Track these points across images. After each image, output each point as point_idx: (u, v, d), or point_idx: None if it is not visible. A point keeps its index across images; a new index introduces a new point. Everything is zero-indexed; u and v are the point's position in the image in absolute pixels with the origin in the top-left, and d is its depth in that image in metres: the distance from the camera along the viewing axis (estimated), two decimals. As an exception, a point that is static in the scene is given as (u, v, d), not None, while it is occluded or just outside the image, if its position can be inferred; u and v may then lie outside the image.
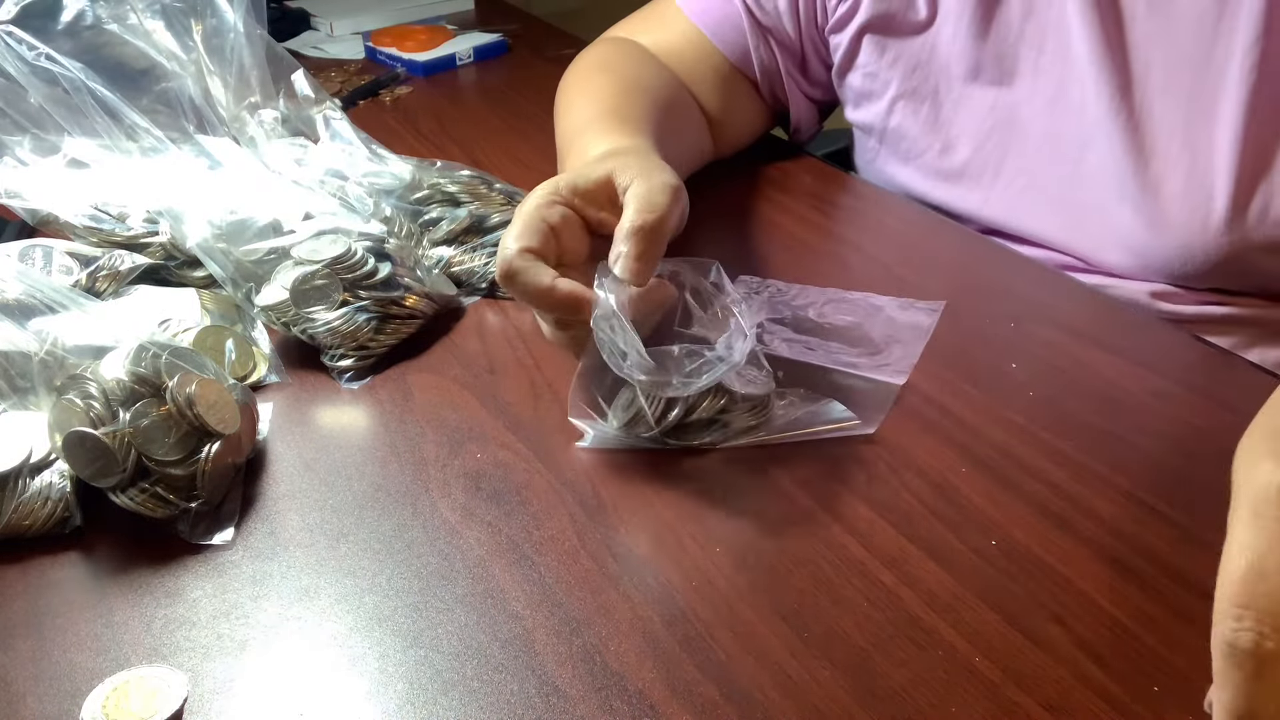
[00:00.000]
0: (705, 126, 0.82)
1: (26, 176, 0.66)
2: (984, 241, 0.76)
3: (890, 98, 0.78)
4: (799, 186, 0.82)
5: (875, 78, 0.78)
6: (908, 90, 0.77)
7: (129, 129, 0.64)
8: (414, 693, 0.42)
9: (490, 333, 0.65)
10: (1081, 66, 0.68)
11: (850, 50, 0.79)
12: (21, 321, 0.53)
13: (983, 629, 0.44)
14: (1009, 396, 0.58)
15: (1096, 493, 0.51)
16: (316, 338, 0.61)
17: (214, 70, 0.69)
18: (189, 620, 0.45)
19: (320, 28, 1.22)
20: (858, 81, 0.80)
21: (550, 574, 0.47)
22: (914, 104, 0.77)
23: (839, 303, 0.66)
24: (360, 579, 0.47)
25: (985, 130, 0.74)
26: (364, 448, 0.56)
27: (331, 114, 0.74)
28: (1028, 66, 0.71)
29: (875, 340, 0.62)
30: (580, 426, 0.55)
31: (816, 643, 0.44)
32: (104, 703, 0.40)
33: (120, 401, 0.49)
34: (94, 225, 0.66)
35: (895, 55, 0.76)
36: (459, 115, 0.98)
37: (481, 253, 0.70)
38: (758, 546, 0.49)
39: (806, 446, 0.55)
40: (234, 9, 0.69)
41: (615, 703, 0.41)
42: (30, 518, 0.49)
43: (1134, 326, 0.66)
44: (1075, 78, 0.69)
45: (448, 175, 0.73)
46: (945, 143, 0.77)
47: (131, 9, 0.67)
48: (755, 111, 0.86)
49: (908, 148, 0.79)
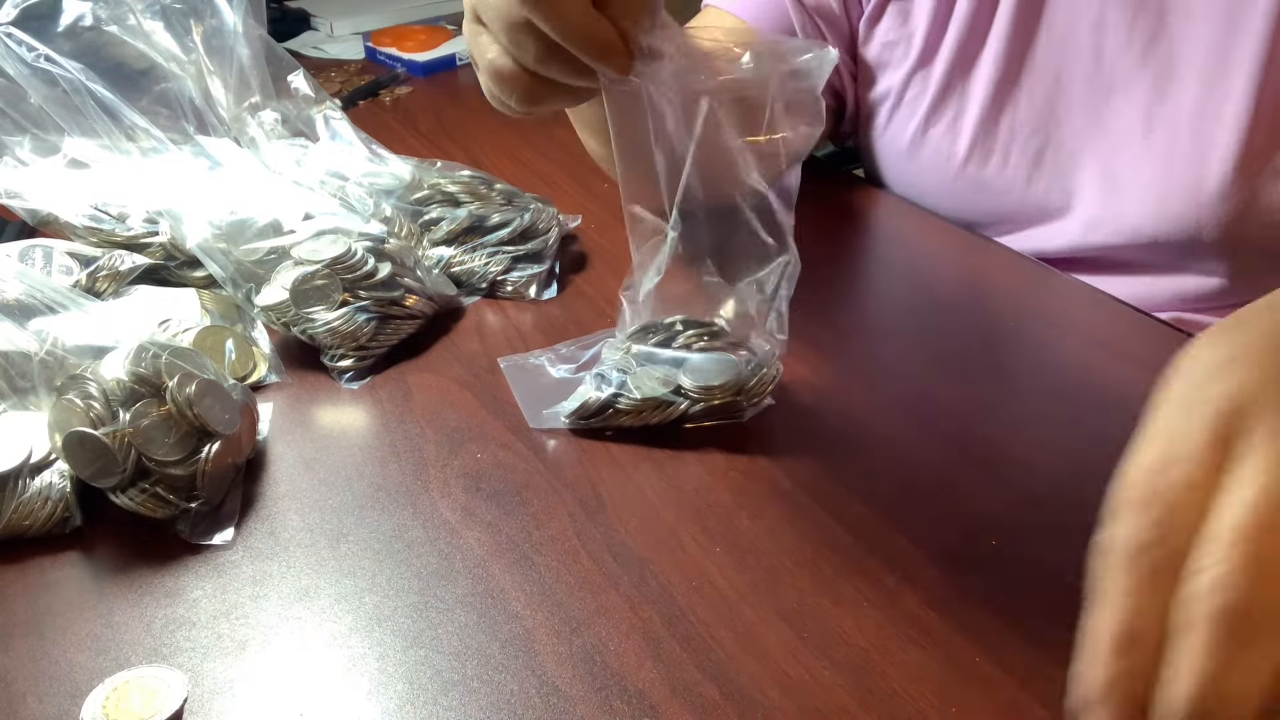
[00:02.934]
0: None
1: (26, 176, 0.66)
2: (985, 243, 0.76)
3: (907, 69, 0.76)
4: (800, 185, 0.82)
5: (894, 47, 0.76)
6: (925, 59, 0.75)
7: (129, 130, 0.64)
8: (414, 693, 0.42)
9: (490, 333, 0.65)
10: (1109, 12, 0.67)
11: (872, 18, 0.76)
12: (21, 321, 0.53)
13: (983, 629, 0.44)
14: (1009, 396, 0.58)
15: (1097, 493, 0.51)
16: (316, 338, 0.61)
17: (214, 71, 0.69)
18: (189, 620, 0.45)
19: (320, 28, 1.22)
20: (874, 53, 0.77)
21: (550, 574, 0.47)
22: (929, 72, 0.75)
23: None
24: (360, 579, 0.47)
25: (994, 85, 0.73)
26: (364, 448, 0.56)
27: (331, 114, 0.74)
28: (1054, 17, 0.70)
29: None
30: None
31: (816, 643, 0.44)
32: (104, 703, 0.40)
33: (120, 401, 0.49)
34: (94, 225, 0.66)
35: (918, 22, 0.74)
36: (459, 115, 0.98)
37: (481, 253, 0.70)
38: (758, 546, 0.49)
39: (807, 447, 0.55)
40: (234, 9, 0.69)
41: (615, 703, 0.41)
42: (30, 518, 0.49)
43: (1136, 327, 0.66)
44: (1103, 24, 0.68)
45: (448, 175, 0.73)
46: (957, 110, 0.75)
47: (131, 10, 0.67)
48: None
49: (921, 119, 0.77)
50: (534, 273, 0.69)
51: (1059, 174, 0.72)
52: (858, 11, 0.78)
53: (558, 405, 0.56)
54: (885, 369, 0.62)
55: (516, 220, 0.70)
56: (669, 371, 0.55)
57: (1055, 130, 0.72)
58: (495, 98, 0.47)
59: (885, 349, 0.64)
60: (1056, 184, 0.73)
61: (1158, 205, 0.68)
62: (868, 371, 0.62)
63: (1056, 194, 0.73)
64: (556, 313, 0.67)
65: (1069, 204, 0.73)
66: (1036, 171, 0.73)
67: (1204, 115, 0.65)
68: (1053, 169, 0.73)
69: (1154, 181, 0.68)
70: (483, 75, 0.47)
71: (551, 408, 0.57)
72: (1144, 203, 0.68)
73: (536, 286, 0.69)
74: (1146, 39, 0.67)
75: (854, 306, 0.71)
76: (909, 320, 0.67)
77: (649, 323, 0.56)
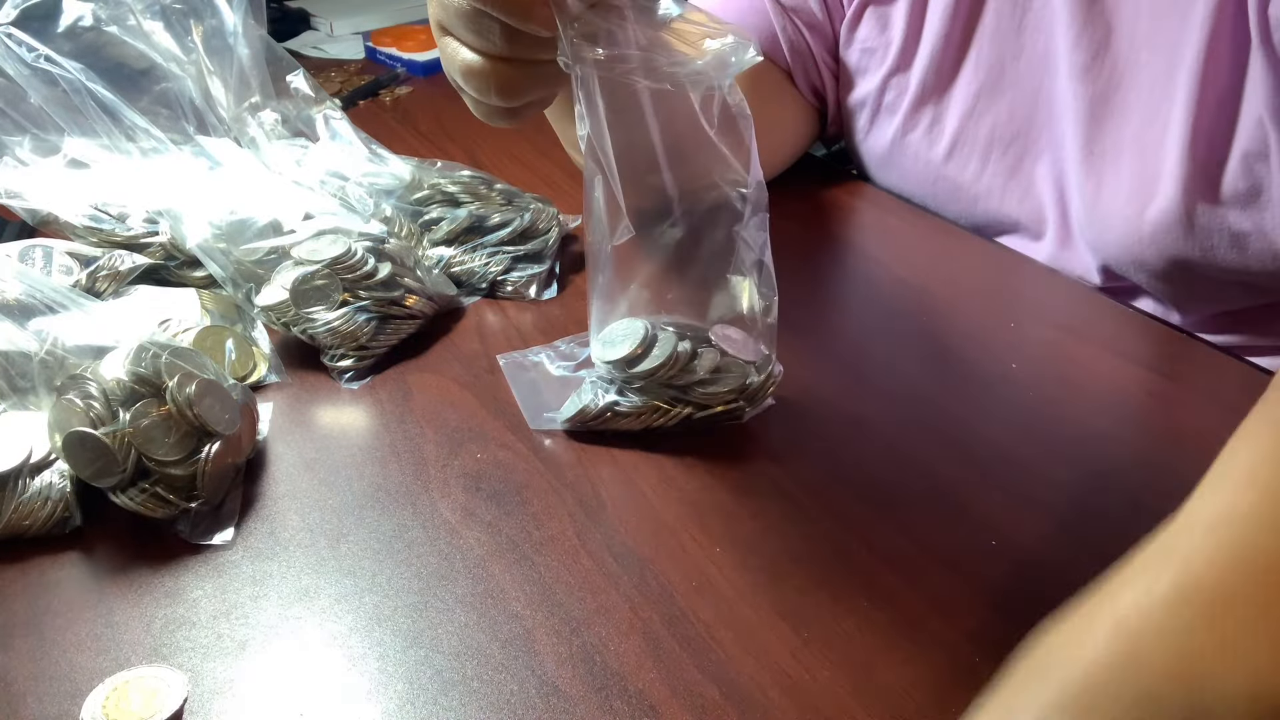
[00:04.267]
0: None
1: (26, 176, 0.66)
2: (984, 242, 0.76)
3: (884, 73, 0.76)
4: (797, 185, 0.82)
5: (873, 54, 0.77)
6: (902, 65, 0.76)
7: (129, 130, 0.64)
8: (414, 693, 0.42)
9: (490, 333, 0.65)
10: (1062, 27, 0.67)
11: (851, 23, 0.77)
12: (21, 321, 0.53)
13: (983, 629, 0.44)
14: (1009, 397, 0.58)
15: (1097, 492, 0.51)
16: (316, 338, 0.61)
17: (214, 71, 0.69)
18: (189, 620, 0.45)
19: (320, 28, 1.22)
20: (854, 58, 0.78)
21: (550, 574, 0.47)
22: (906, 77, 0.76)
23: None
24: (360, 579, 0.47)
25: (973, 95, 0.73)
26: (364, 448, 0.56)
27: (331, 114, 0.74)
28: (1011, 27, 0.70)
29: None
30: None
31: (816, 643, 0.44)
32: (104, 703, 0.40)
33: (120, 401, 0.49)
34: (94, 225, 0.66)
35: (895, 29, 0.75)
36: (459, 115, 0.98)
37: (481, 253, 0.70)
38: (758, 546, 0.49)
39: (807, 447, 0.55)
40: (234, 9, 0.69)
41: (615, 703, 0.41)
42: (30, 518, 0.49)
43: (1134, 327, 0.66)
44: (1059, 35, 0.68)
45: (448, 175, 0.73)
46: (935, 116, 0.75)
47: (131, 10, 0.67)
48: (793, 111, 0.80)
49: (900, 123, 0.77)
50: (534, 273, 0.69)
51: (1031, 189, 0.73)
52: (839, 14, 0.78)
53: (558, 409, 0.56)
54: (885, 369, 0.62)
55: (516, 220, 0.70)
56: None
57: (1032, 144, 0.72)
58: (477, 102, 0.48)
59: (885, 349, 0.64)
60: (1029, 199, 0.73)
61: (1098, 234, 0.68)
62: (867, 372, 0.62)
63: (1029, 209, 0.73)
64: (556, 313, 0.67)
65: (1040, 221, 0.73)
66: (1012, 181, 0.74)
67: (1144, 146, 0.64)
68: (1026, 183, 0.73)
69: (1094, 207, 0.67)
70: (461, 81, 0.47)
71: (551, 410, 0.57)
72: (1089, 229, 0.68)
73: (536, 286, 0.69)
74: (1089, 58, 0.66)
75: (854, 307, 0.71)
76: (909, 320, 0.67)
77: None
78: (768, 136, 0.79)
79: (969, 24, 0.72)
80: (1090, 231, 0.68)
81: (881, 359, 0.63)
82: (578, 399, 0.56)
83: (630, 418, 0.54)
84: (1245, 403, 0.40)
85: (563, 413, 0.56)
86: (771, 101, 0.78)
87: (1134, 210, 0.64)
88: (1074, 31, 0.66)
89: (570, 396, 0.56)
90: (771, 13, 0.77)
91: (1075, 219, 0.70)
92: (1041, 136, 0.71)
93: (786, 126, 0.81)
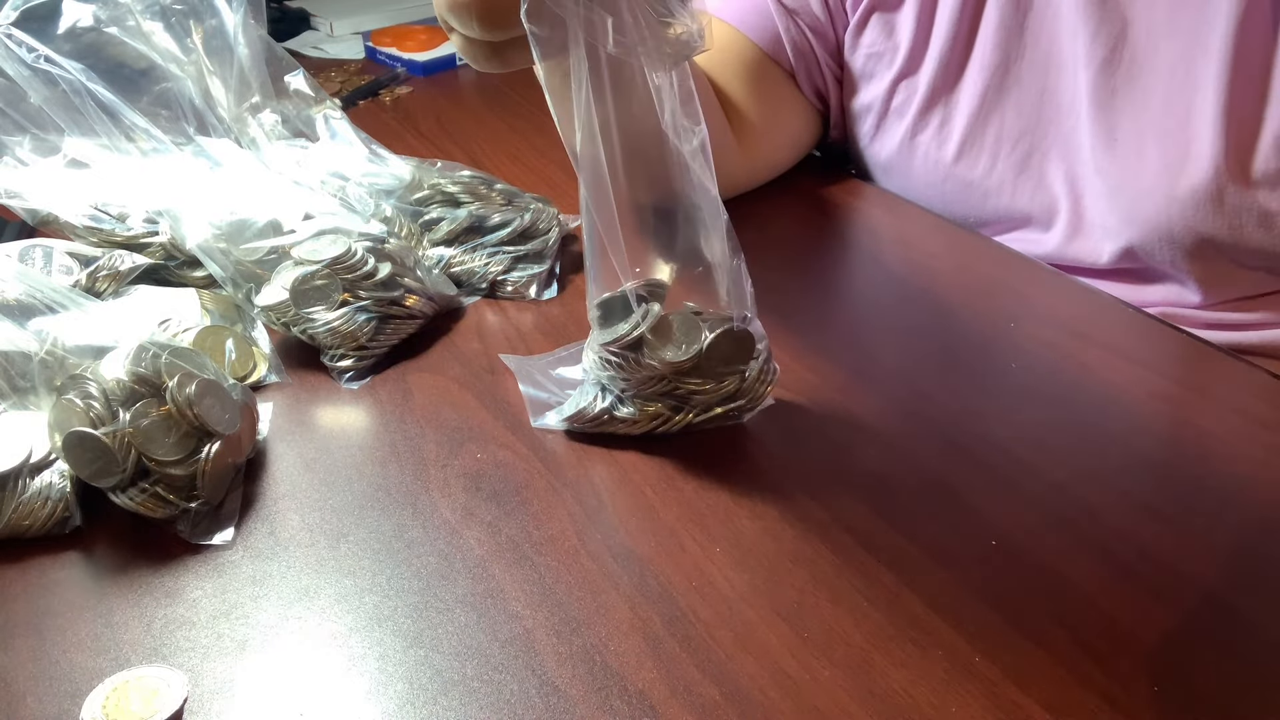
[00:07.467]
0: (726, 128, 0.77)
1: (26, 176, 0.66)
2: (984, 241, 0.76)
3: (893, 77, 0.77)
4: (797, 185, 0.82)
5: (880, 58, 0.77)
6: (911, 68, 0.76)
7: (129, 130, 0.64)
8: (414, 693, 0.42)
9: (490, 333, 0.65)
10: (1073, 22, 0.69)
11: (856, 29, 0.77)
12: (21, 321, 0.53)
13: (983, 629, 0.44)
14: (1009, 397, 0.58)
15: (1096, 492, 0.51)
16: (316, 338, 0.61)
17: (214, 71, 0.69)
18: (189, 620, 0.45)
19: (320, 28, 1.22)
20: (859, 63, 0.78)
21: (550, 574, 0.47)
22: (915, 80, 0.76)
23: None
24: (360, 579, 0.47)
25: (980, 95, 0.74)
26: (364, 448, 0.56)
27: (331, 114, 0.74)
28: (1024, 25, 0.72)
29: None
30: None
31: (816, 643, 0.44)
32: (104, 703, 0.40)
33: (120, 401, 0.49)
34: (94, 225, 0.66)
35: (903, 33, 0.76)
36: (459, 115, 0.98)
37: (481, 253, 0.70)
38: (758, 547, 0.49)
39: (807, 447, 0.55)
40: (234, 9, 0.69)
41: (615, 703, 0.41)
42: (30, 518, 0.49)
43: (1134, 326, 0.66)
44: (1075, 36, 0.69)
45: (448, 175, 0.73)
46: (944, 116, 0.76)
47: (131, 11, 0.67)
48: (796, 113, 0.80)
49: (909, 125, 0.77)
50: (534, 273, 0.69)
51: (1042, 182, 0.74)
52: (843, 21, 0.78)
53: (557, 408, 0.56)
54: (885, 369, 0.62)
55: (517, 220, 0.70)
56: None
57: (1040, 140, 0.73)
58: (465, 43, 0.48)
59: (885, 349, 0.64)
60: (1040, 192, 0.74)
61: (1126, 215, 0.69)
62: (867, 371, 0.62)
63: (1040, 202, 0.74)
64: (556, 313, 0.67)
65: (1051, 212, 0.73)
66: (1021, 176, 0.74)
67: (1167, 133, 0.66)
68: (1037, 177, 0.74)
69: (1120, 190, 0.69)
70: (447, 13, 0.47)
71: (553, 409, 0.57)
72: (1111, 214, 0.69)
73: (537, 286, 0.69)
74: (1108, 52, 0.68)
75: (854, 306, 0.71)
76: (909, 320, 0.67)
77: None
78: (771, 137, 0.80)
79: (973, 25, 0.73)
80: (1115, 215, 0.69)
81: (881, 359, 0.63)
82: (576, 401, 0.56)
83: (627, 424, 0.54)
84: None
85: (562, 411, 0.56)
86: (775, 103, 0.79)
87: (1164, 189, 0.66)
88: (1090, 29, 0.68)
89: (570, 399, 0.56)
90: (775, 14, 0.77)
91: (1091, 207, 0.71)
92: (1049, 132, 0.72)
93: (790, 128, 0.81)
